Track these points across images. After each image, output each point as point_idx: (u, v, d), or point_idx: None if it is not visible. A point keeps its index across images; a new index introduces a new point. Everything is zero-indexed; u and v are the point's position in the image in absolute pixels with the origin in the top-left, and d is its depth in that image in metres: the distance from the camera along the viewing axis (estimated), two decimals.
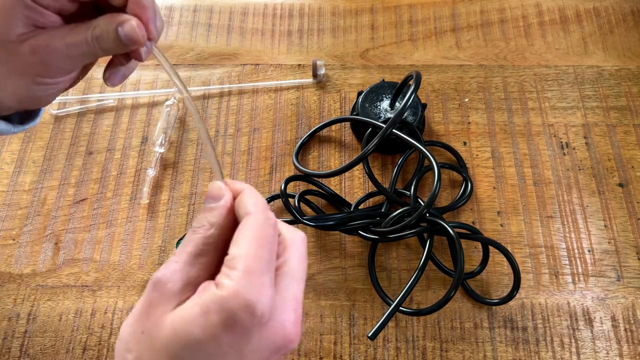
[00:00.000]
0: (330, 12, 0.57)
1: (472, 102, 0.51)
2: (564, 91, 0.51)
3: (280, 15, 0.57)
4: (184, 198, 0.47)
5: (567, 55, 0.54)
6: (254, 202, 0.24)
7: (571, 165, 0.48)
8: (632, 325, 0.41)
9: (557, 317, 0.41)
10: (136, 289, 0.43)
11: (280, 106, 0.51)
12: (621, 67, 0.53)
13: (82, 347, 0.41)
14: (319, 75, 0.52)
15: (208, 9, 0.57)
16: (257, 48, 0.55)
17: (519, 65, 0.53)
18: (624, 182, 0.47)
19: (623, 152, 0.48)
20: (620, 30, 0.55)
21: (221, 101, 0.52)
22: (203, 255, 0.24)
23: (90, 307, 0.42)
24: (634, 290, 0.42)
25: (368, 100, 0.48)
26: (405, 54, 0.54)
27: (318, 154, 0.49)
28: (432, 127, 0.50)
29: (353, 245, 0.44)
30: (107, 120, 0.51)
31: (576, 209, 0.46)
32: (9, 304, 0.42)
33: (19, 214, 0.46)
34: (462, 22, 0.56)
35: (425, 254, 0.40)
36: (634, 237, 0.44)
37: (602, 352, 0.40)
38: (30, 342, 0.41)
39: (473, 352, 0.40)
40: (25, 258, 0.44)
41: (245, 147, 0.49)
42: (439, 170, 0.39)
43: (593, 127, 0.49)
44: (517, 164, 0.48)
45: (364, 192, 0.47)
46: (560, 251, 0.44)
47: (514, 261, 0.41)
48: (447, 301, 0.38)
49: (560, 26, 0.55)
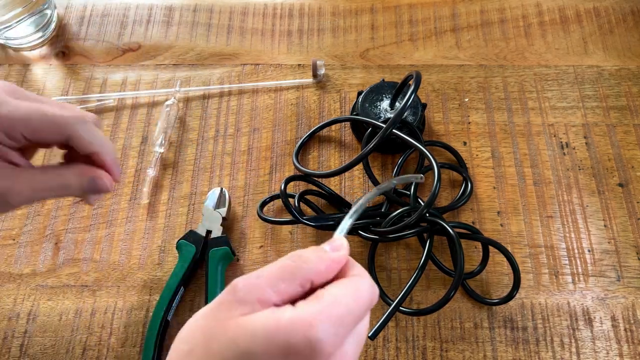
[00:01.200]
0: (330, 12, 0.57)
1: (472, 102, 0.51)
2: (564, 91, 0.51)
3: (280, 15, 0.57)
4: (183, 198, 0.47)
5: (567, 55, 0.54)
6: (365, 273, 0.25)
7: (571, 165, 0.48)
8: (632, 325, 0.41)
9: (557, 317, 0.41)
10: (136, 289, 0.43)
11: (280, 106, 0.51)
12: (621, 67, 0.53)
13: (82, 347, 0.41)
14: (319, 75, 0.52)
15: (208, 9, 0.57)
16: (257, 48, 0.55)
17: (519, 65, 0.53)
18: (624, 182, 0.47)
19: (623, 152, 0.48)
20: (620, 30, 0.55)
21: (221, 101, 0.52)
22: (284, 282, 0.23)
23: (90, 307, 0.42)
24: (634, 290, 0.42)
25: (368, 100, 0.48)
26: (406, 54, 0.54)
27: (318, 154, 0.49)
28: (432, 127, 0.50)
29: (353, 245, 0.44)
30: (106, 120, 0.51)
31: (576, 209, 0.46)
32: (9, 304, 0.42)
33: (19, 214, 0.46)
34: (462, 22, 0.56)
35: (425, 254, 0.40)
36: (634, 237, 0.44)
37: (602, 352, 0.40)
38: (30, 342, 0.41)
39: (473, 352, 0.40)
40: (25, 258, 0.44)
41: (245, 147, 0.49)
42: (438, 170, 0.39)
43: (593, 127, 0.49)
44: (517, 163, 0.48)
45: (364, 192, 0.47)
46: (560, 251, 0.44)
47: (514, 261, 0.41)
48: (447, 301, 0.38)
49: (560, 26, 0.55)
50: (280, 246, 0.44)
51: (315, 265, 0.24)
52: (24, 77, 0.53)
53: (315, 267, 0.24)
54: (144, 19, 0.57)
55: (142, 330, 0.41)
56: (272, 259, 0.44)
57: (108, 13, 0.57)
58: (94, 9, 0.58)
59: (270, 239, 0.45)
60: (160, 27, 0.56)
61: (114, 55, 0.55)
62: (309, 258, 0.24)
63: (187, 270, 0.41)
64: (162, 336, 0.39)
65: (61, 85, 0.53)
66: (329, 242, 0.26)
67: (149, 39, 0.55)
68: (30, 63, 0.54)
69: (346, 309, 0.22)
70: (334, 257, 0.25)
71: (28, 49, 0.55)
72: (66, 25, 0.57)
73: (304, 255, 0.24)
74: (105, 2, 0.58)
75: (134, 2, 0.58)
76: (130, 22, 0.57)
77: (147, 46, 0.55)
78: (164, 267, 0.44)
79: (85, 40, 0.56)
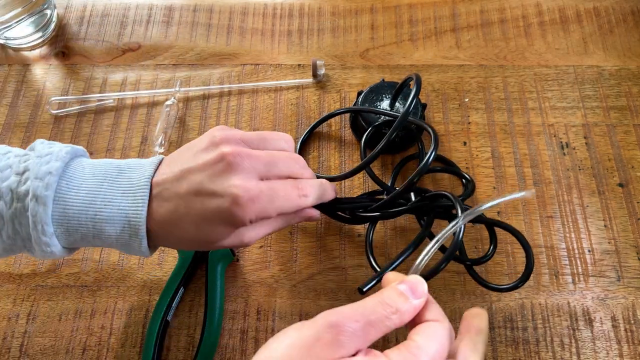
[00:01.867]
0: (330, 12, 0.57)
1: (472, 102, 0.51)
2: (564, 91, 0.51)
3: (280, 15, 0.57)
4: None
5: (567, 55, 0.54)
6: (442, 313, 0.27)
7: (571, 165, 0.47)
8: (632, 325, 0.41)
9: (557, 317, 0.41)
10: (136, 289, 0.43)
11: (280, 106, 0.51)
12: (621, 67, 0.53)
13: (82, 347, 0.41)
14: (319, 75, 0.52)
15: (208, 9, 0.57)
16: (257, 48, 0.55)
17: (519, 65, 0.53)
18: (624, 182, 0.47)
19: (623, 152, 0.48)
20: (620, 30, 0.55)
21: (221, 101, 0.52)
22: (372, 327, 0.25)
23: (90, 307, 0.42)
24: (634, 291, 0.42)
25: (368, 100, 0.48)
26: (406, 54, 0.54)
27: (318, 153, 0.49)
28: (432, 126, 0.50)
29: (353, 245, 0.44)
30: (106, 120, 0.51)
31: (576, 209, 0.45)
32: (9, 304, 0.42)
33: None
34: (462, 22, 0.56)
35: (424, 229, 0.38)
36: (634, 237, 0.44)
37: (602, 352, 0.40)
38: (30, 342, 0.41)
39: None
40: (25, 258, 0.44)
41: None
42: (435, 136, 0.39)
43: (593, 127, 0.49)
44: (517, 164, 0.48)
45: (363, 191, 0.46)
46: (560, 251, 0.44)
47: (526, 243, 0.37)
48: (437, 272, 0.33)
49: (560, 26, 0.55)
50: (280, 246, 0.44)
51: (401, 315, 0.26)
52: (23, 77, 0.53)
53: (401, 317, 0.26)
54: (143, 19, 0.57)
55: (142, 331, 0.41)
56: (272, 259, 0.44)
57: (108, 13, 0.57)
58: (93, 9, 0.58)
59: (271, 239, 0.45)
60: (160, 27, 0.56)
61: (114, 55, 0.55)
62: (397, 307, 0.26)
63: (187, 270, 0.41)
64: (162, 336, 0.39)
65: (61, 85, 0.53)
66: (411, 285, 0.27)
67: (149, 39, 0.55)
68: (30, 63, 0.54)
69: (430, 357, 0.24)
70: (416, 304, 0.27)
71: (28, 49, 0.55)
72: (66, 25, 0.57)
73: (393, 305, 0.26)
74: (105, 2, 0.58)
75: (134, 2, 0.58)
76: (130, 22, 0.57)
77: (147, 46, 0.55)
78: (164, 268, 0.44)
79: (85, 40, 0.56)
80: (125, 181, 0.31)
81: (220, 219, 0.31)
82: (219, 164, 0.31)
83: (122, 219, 0.30)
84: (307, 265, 0.44)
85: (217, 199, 0.30)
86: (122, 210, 0.30)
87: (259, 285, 0.43)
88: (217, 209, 0.30)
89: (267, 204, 0.31)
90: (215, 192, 0.30)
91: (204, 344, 0.39)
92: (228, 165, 0.31)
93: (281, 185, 0.32)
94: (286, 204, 0.32)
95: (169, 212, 0.31)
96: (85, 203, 0.30)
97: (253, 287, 0.43)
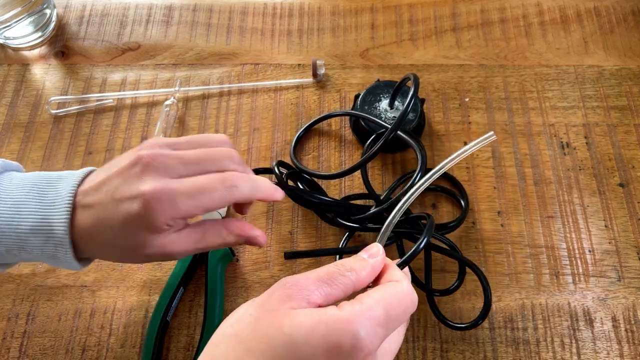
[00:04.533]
0: (330, 12, 0.57)
1: (472, 102, 0.51)
2: (565, 91, 0.51)
3: (280, 14, 0.57)
4: None
5: (568, 54, 0.53)
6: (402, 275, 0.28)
7: (572, 165, 0.47)
8: (632, 325, 0.41)
9: (558, 318, 0.41)
10: (135, 289, 0.43)
11: (280, 106, 0.51)
12: (622, 66, 0.52)
13: (82, 347, 0.41)
14: (319, 75, 0.51)
15: (207, 9, 0.57)
16: (257, 48, 0.55)
17: (520, 65, 0.53)
18: (625, 182, 0.47)
19: (624, 152, 0.48)
20: (620, 29, 0.55)
21: (221, 101, 0.52)
22: (330, 286, 0.26)
23: (89, 307, 0.42)
24: (634, 291, 0.42)
25: (367, 102, 0.47)
26: (406, 54, 0.54)
27: (318, 153, 0.49)
28: (433, 126, 0.50)
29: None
30: (106, 120, 0.51)
31: (577, 209, 0.45)
32: (8, 304, 0.42)
33: None
34: (462, 22, 0.56)
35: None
36: (634, 237, 0.44)
37: (603, 353, 0.40)
38: (30, 342, 0.41)
39: (473, 352, 0.40)
40: None
41: (245, 146, 0.49)
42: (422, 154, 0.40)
43: (594, 126, 0.49)
44: (518, 163, 0.48)
45: (363, 191, 0.46)
46: (560, 251, 0.44)
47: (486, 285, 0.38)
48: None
49: (560, 26, 0.55)
50: (280, 246, 0.44)
51: (356, 273, 0.27)
52: (23, 76, 0.53)
53: (357, 274, 0.27)
54: (143, 19, 0.57)
55: (141, 331, 0.41)
56: (272, 259, 0.44)
57: (107, 13, 0.57)
58: (93, 8, 0.57)
59: (271, 240, 0.45)
60: (159, 27, 0.56)
61: (114, 55, 0.54)
62: (351, 266, 0.27)
63: (186, 270, 0.41)
64: (161, 337, 0.39)
65: (60, 85, 0.53)
66: (366, 249, 0.29)
67: (149, 38, 0.55)
68: (30, 63, 0.54)
69: (385, 311, 0.25)
70: (372, 263, 0.28)
71: (27, 48, 0.55)
72: (65, 24, 0.56)
73: (347, 264, 0.27)
74: (104, 2, 0.58)
75: (134, 2, 0.58)
76: (130, 22, 0.56)
77: (147, 46, 0.55)
78: (164, 268, 0.43)
79: (84, 40, 0.55)
80: (52, 192, 0.31)
81: (135, 224, 0.29)
82: (134, 167, 0.30)
83: (47, 229, 0.30)
84: (307, 265, 0.44)
85: (129, 202, 0.29)
86: (47, 220, 0.30)
87: (259, 285, 0.43)
88: (129, 213, 0.29)
89: (185, 201, 0.30)
90: (128, 195, 0.30)
91: (203, 344, 0.39)
92: (143, 167, 0.30)
93: (204, 179, 0.31)
94: (211, 197, 0.30)
95: (91, 220, 0.30)
96: (11, 213, 0.30)
97: (253, 287, 0.43)
